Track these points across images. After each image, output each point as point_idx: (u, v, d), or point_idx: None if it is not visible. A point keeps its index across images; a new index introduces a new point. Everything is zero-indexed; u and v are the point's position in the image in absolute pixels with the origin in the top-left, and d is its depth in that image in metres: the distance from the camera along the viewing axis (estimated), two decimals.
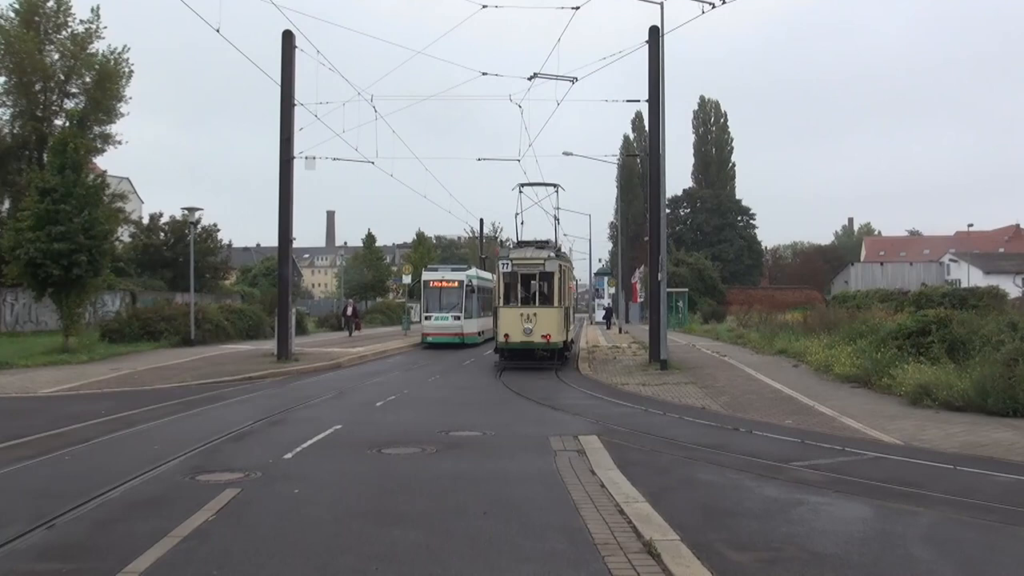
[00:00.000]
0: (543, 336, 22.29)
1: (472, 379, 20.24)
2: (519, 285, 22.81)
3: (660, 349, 20.73)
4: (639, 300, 53.61)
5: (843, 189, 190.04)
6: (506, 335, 22.40)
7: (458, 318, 31.86)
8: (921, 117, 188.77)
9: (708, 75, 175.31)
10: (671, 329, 36.56)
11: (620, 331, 41.61)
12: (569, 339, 25.46)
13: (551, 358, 22.89)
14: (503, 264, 23.05)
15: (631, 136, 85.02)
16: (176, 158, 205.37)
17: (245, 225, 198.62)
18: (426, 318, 32.45)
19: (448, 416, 13.30)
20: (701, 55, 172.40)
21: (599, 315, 57.06)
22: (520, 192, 26.53)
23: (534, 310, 22.44)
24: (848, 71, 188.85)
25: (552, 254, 23.37)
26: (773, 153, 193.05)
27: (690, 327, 41.80)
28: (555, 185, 27.65)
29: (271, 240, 35.98)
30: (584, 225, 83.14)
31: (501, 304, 22.76)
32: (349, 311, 39.58)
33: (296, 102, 23.48)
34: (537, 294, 22.85)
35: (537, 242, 25.55)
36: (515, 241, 26.52)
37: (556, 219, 29.17)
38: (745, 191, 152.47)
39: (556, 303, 22.73)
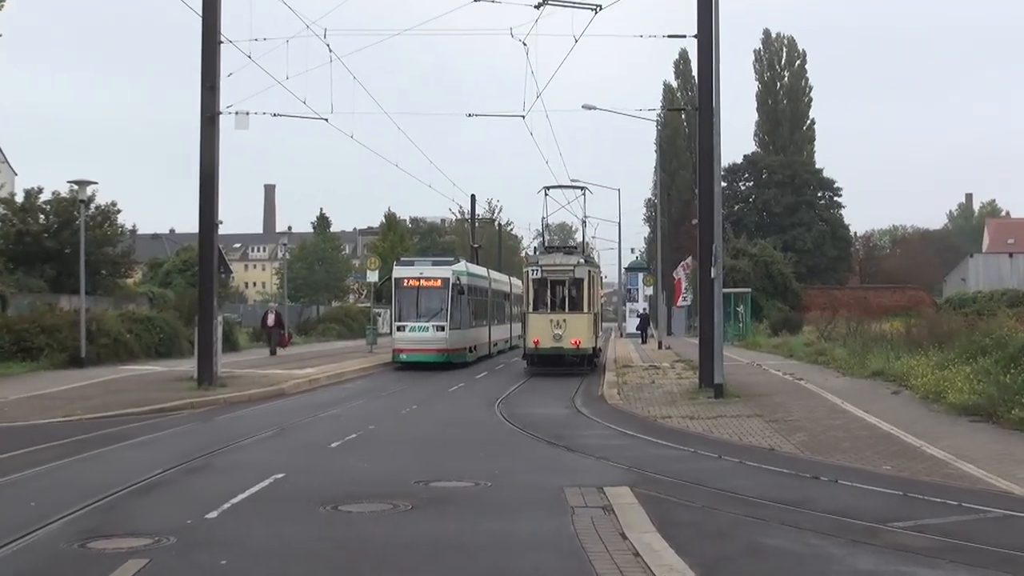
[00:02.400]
0: (573, 342, 28.85)
1: (461, 410, 20.25)
2: (548, 291, 29.72)
3: (714, 370, 20.73)
4: (683, 303, 53.55)
5: (959, 157, 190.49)
6: (535, 341, 29.07)
7: (442, 328, 31.87)
8: None
9: (775, 4, 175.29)
10: (729, 343, 36.47)
11: (660, 346, 41.67)
12: (598, 345, 32.75)
13: (580, 364, 29.62)
14: (533, 271, 29.94)
15: (674, 84, 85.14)
16: (62, 117, 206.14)
17: (155, 205, 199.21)
18: (399, 329, 32.47)
19: (429, 461, 13.31)
20: None
21: (631, 325, 57.01)
22: (546, 195, 34.14)
23: (564, 316, 29.16)
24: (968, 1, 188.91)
25: (581, 260, 30.38)
26: (865, 109, 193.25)
27: (754, 340, 41.80)
28: (583, 187, 36.42)
29: (189, 225, 36.01)
30: (611, 203, 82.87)
31: (531, 310, 29.75)
32: (270, 320, 38.71)
33: (223, 38, 23.48)
34: (566, 300, 29.64)
35: (566, 247, 33.65)
36: (543, 245, 35.19)
37: (583, 222, 37.24)
38: (828, 158, 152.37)
39: (586, 309, 29.57)
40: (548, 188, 34.34)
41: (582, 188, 36.44)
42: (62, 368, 27.91)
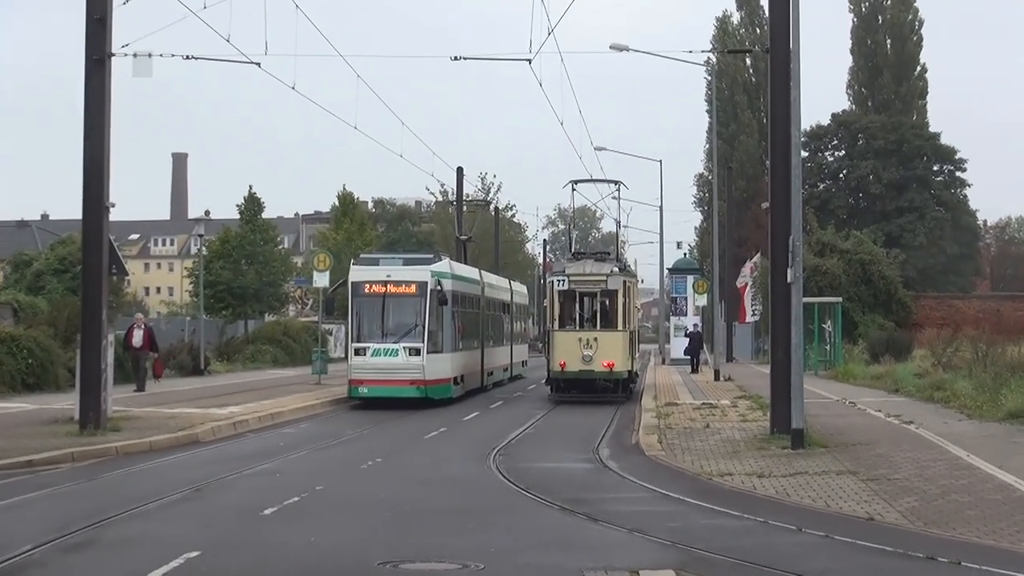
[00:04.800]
0: (605, 364, 32.45)
1: (443, 464, 20.27)
2: (576, 305, 33.77)
3: (792, 410, 20.71)
4: (750, 319, 53.54)
5: None
6: (562, 363, 32.68)
7: (416, 352, 31.79)
8: None
9: None
10: (812, 372, 36.38)
11: (717, 376, 41.61)
12: (634, 369, 37.02)
13: (614, 390, 33.36)
14: (558, 281, 33.73)
15: (734, 18, 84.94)
16: None
17: (21, 184, 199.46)
18: (358, 352, 32.38)
19: (399, 533, 13.31)
20: None
21: (678, 347, 56.85)
22: (573, 190, 38.92)
23: (594, 334, 32.87)
24: None
25: (615, 268, 34.23)
26: (994, 57, 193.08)
27: (846, 368, 41.73)
28: (617, 182, 40.44)
29: (69, 209, 36.03)
30: (649, 180, 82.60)
31: (556, 327, 33.57)
32: (137, 339, 35.98)
33: None
34: (597, 315, 33.66)
35: (596, 253, 37.94)
36: (570, 250, 39.69)
37: (617, 223, 43.13)
38: (945, 120, 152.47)
39: (620, 326, 33.46)
40: (576, 182, 38.97)
41: (616, 182, 40.95)
42: None
